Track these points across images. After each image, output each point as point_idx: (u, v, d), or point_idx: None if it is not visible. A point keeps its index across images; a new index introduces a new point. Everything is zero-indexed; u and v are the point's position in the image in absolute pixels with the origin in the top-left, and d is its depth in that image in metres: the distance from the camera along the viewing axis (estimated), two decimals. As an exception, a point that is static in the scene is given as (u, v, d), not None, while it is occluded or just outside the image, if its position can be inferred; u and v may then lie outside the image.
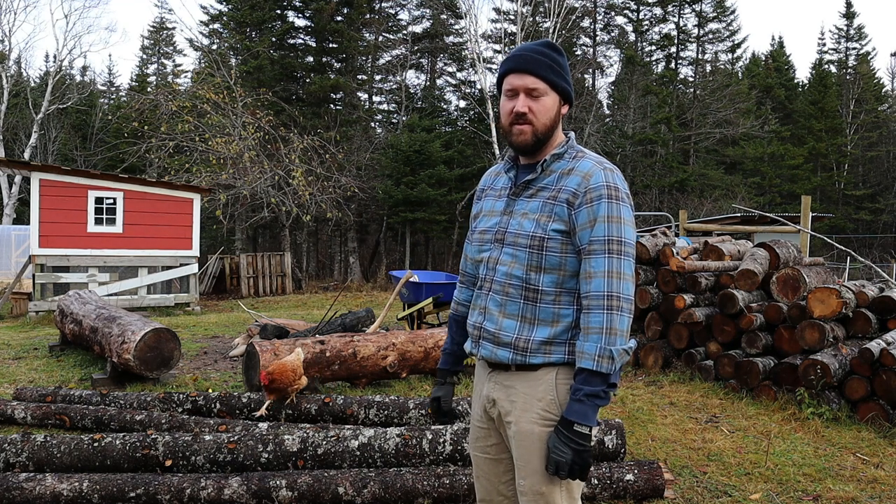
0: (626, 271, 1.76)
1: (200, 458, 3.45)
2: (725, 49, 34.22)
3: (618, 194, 1.78)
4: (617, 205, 1.77)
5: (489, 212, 1.98)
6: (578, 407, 1.71)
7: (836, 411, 4.92)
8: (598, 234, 1.76)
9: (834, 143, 32.68)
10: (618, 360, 1.72)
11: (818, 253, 22.39)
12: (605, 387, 1.72)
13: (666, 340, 6.54)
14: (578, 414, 1.70)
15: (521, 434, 1.83)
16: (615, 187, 1.79)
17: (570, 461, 1.70)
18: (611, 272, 1.75)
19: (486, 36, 28.94)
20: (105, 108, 32.87)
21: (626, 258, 1.77)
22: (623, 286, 1.75)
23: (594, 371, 1.71)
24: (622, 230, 1.77)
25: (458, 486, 3.25)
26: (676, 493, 3.49)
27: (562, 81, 1.86)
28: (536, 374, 1.83)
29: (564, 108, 1.91)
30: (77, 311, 6.91)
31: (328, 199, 20.11)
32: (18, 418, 4.48)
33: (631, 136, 27.49)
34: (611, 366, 1.71)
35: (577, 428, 1.70)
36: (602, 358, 1.71)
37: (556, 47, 1.89)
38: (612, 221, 1.76)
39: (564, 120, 1.97)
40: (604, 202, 1.77)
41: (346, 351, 5.52)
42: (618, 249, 1.76)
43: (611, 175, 1.80)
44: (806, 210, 9.87)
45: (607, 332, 1.72)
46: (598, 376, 1.72)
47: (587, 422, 1.70)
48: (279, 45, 25.47)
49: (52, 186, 11.69)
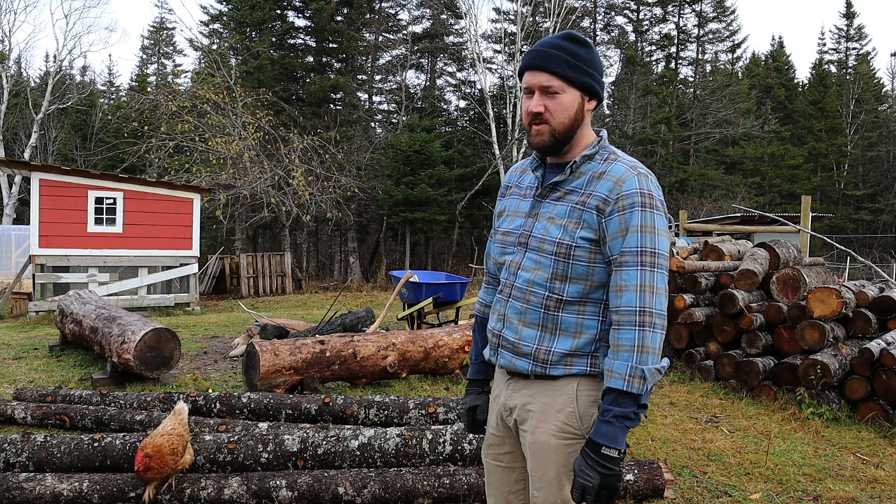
0: (659, 285, 1.66)
1: (200, 458, 3.45)
2: (725, 49, 34.27)
3: (652, 202, 1.68)
4: (651, 213, 1.67)
5: (513, 212, 1.87)
6: (607, 429, 1.61)
7: (836, 411, 4.92)
8: (631, 244, 1.66)
9: (834, 143, 32.68)
10: (650, 379, 1.62)
11: (818, 253, 22.38)
12: (636, 408, 1.63)
13: (666, 340, 6.53)
14: (607, 436, 1.61)
15: (536, 445, 1.76)
16: (649, 194, 1.68)
17: (597, 486, 1.60)
18: (643, 286, 1.65)
19: (486, 36, 28.98)
20: (105, 108, 32.87)
21: (660, 271, 1.67)
22: (656, 301, 1.65)
23: (624, 391, 1.61)
24: (656, 241, 1.67)
25: (458, 486, 3.25)
26: (676, 493, 3.49)
27: (582, 76, 1.73)
28: (557, 385, 1.76)
29: (591, 104, 1.77)
30: (77, 311, 6.91)
31: (328, 199, 20.11)
32: (18, 418, 4.48)
33: (631, 136, 27.50)
34: (642, 386, 1.62)
35: (605, 451, 1.60)
36: (633, 378, 1.61)
37: (579, 38, 1.76)
38: (646, 231, 1.66)
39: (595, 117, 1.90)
40: (637, 210, 1.66)
41: (346, 351, 5.52)
42: (651, 262, 1.66)
43: (645, 181, 1.69)
44: (806, 210, 9.87)
45: (639, 349, 1.62)
46: (629, 397, 1.62)
47: (616, 445, 1.60)
48: (279, 45, 25.48)
49: (52, 186, 11.69)
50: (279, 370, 5.17)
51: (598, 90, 1.77)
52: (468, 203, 23.98)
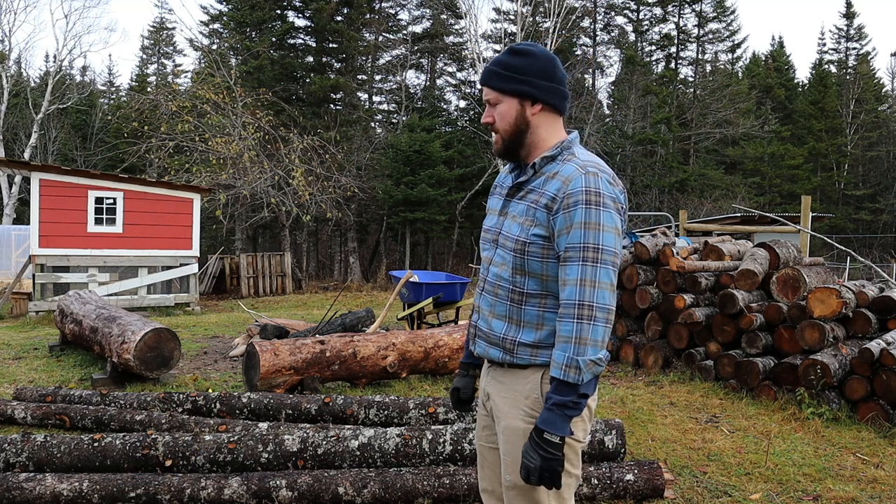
0: (601, 280, 1.72)
1: (200, 458, 3.45)
2: (725, 49, 34.26)
3: (598, 199, 1.73)
4: (596, 210, 1.73)
5: (492, 210, 2.01)
6: (548, 416, 1.70)
7: (836, 411, 4.92)
8: (574, 240, 1.73)
9: (834, 143, 32.67)
10: (585, 370, 1.69)
11: (818, 253, 22.38)
12: (575, 397, 1.70)
13: (666, 340, 6.54)
14: (548, 423, 1.70)
15: (507, 429, 1.86)
16: (595, 192, 1.74)
17: (538, 468, 1.69)
18: (584, 280, 1.72)
19: (486, 36, 28.93)
20: (105, 108, 32.87)
21: (603, 266, 1.73)
22: (597, 294, 1.71)
23: (562, 381, 1.70)
24: (600, 237, 1.72)
25: (458, 486, 3.25)
26: (676, 493, 3.49)
27: (514, 85, 1.83)
28: (525, 373, 1.86)
29: (535, 108, 1.86)
30: (77, 311, 6.91)
31: (328, 199, 20.12)
32: (18, 418, 4.48)
33: (631, 136, 27.50)
34: (578, 376, 1.69)
35: (546, 436, 1.69)
36: (570, 368, 1.69)
37: (517, 49, 1.86)
38: (590, 228, 1.72)
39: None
40: (580, 208, 1.73)
41: (346, 351, 5.52)
42: (594, 257, 1.72)
43: (593, 179, 1.75)
44: (806, 210, 9.87)
45: (576, 341, 1.70)
46: (567, 386, 1.70)
47: (557, 431, 1.69)
48: (279, 45, 25.48)
49: (52, 186, 11.69)
50: (279, 370, 5.18)
51: (535, 94, 1.84)
52: (468, 203, 23.99)
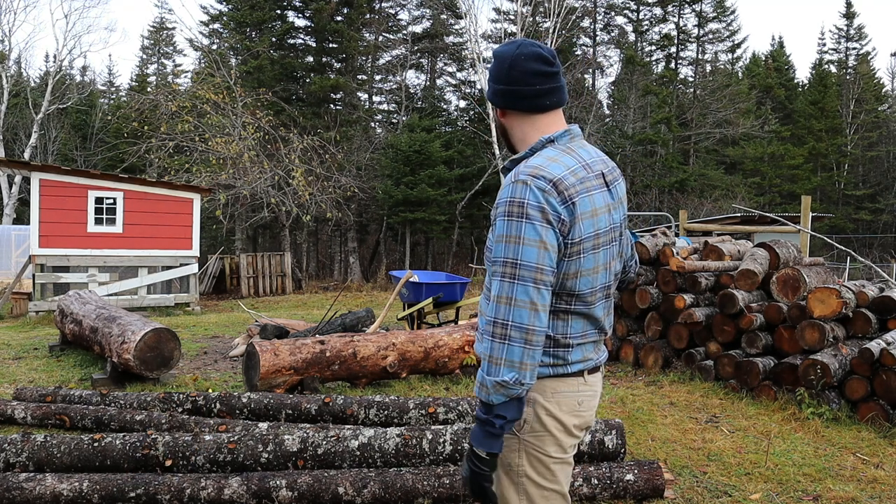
0: (517, 297, 1.60)
1: (200, 458, 3.45)
2: (725, 49, 34.27)
3: (520, 210, 1.60)
4: (516, 223, 1.60)
5: None
6: (474, 429, 1.67)
7: (836, 411, 4.92)
8: (497, 254, 1.64)
9: (834, 143, 32.68)
10: (492, 390, 1.59)
11: (818, 253, 22.38)
12: (492, 416, 1.61)
13: (666, 340, 6.54)
14: (474, 437, 1.67)
15: None
16: (518, 202, 1.61)
17: (466, 478, 1.70)
18: (500, 297, 1.62)
19: (486, 36, 28.92)
20: (105, 108, 32.89)
21: (521, 282, 1.60)
22: (512, 313, 1.60)
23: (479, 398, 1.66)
24: (519, 251, 1.60)
25: (458, 486, 3.25)
26: (676, 493, 3.49)
27: (489, 92, 1.83)
28: None
29: (499, 111, 1.84)
30: (77, 311, 6.91)
31: (328, 199, 20.12)
32: (18, 418, 4.48)
33: (631, 136, 27.50)
34: (487, 395, 1.61)
35: (474, 449, 1.66)
36: (482, 386, 1.63)
37: (494, 53, 1.82)
38: (509, 242, 1.61)
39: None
40: (502, 220, 1.63)
41: (346, 351, 5.52)
42: (511, 273, 1.61)
43: (520, 189, 1.62)
44: (806, 210, 9.87)
45: (487, 360, 1.63)
46: (482, 404, 1.64)
47: (478, 446, 1.64)
48: (279, 45, 25.49)
49: (52, 186, 11.69)
50: (279, 370, 5.18)
51: (492, 100, 1.81)
52: (468, 203, 23.99)
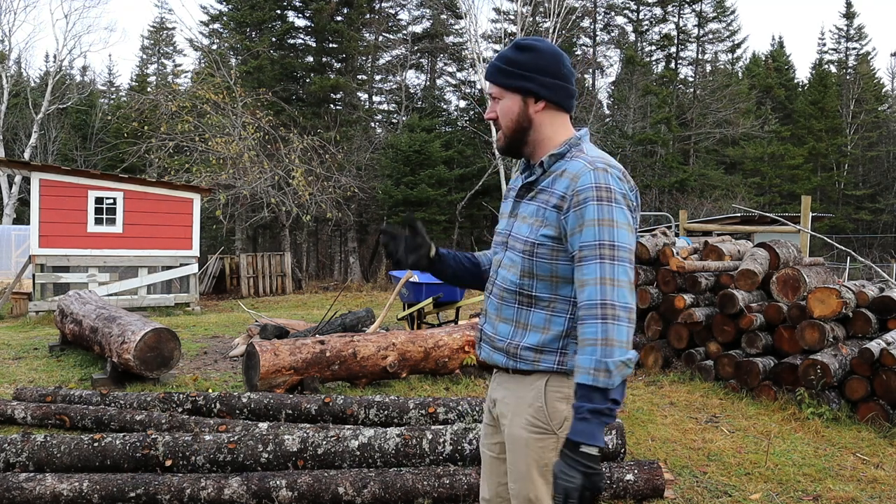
0: (620, 277, 1.65)
1: (200, 458, 3.45)
2: (725, 49, 34.26)
3: (609, 195, 1.67)
4: (609, 207, 1.66)
5: (503, 213, 1.96)
6: (583, 426, 1.58)
7: (836, 411, 4.92)
8: (588, 238, 1.66)
9: (834, 143, 32.67)
10: (615, 372, 1.59)
11: (818, 253, 22.37)
12: (610, 403, 1.60)
13: (666, 340, 6.54)
14: (584, 434, 1.57)
15: (511, 437, 1.81)
16: (606, 188, 1.67)
17: (579, 486, 1.55)
18: (604, 279, 1.64)
19: (486, 36, 28.90)
20: (105, 108, 32.87)
21: (621, 263, 1.65)
22: (618, 293, 1.63)
23: (592, 386, 1.60)
24: (615, 233, 1.66)
25: (458, 486, 3.25)
26: (676, 493, 3.49)
27: (517, 81, 1.79)
28: (528, 380, 1.80)
29: (538, 105, 1.80)
30: (77, 311, 6.91)
31: (328, 199, 20.11)
32: (18, 418, 4.48)
33: (631, 136, 27.49)
34: (609, 380, 1.59)
35: (584, 449, 1.57)
36: (599, 372, 1.59)
37: (522, 45, 1.81)
38: (603, 225, 1.66)
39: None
40: (592, 205, 1.66)
41: (346, 351, 5.52)
42: (611, 254, 1.65)
43: (603, 175, 1.69)
44: (806, 210, 9.87)
45: (603, 343, 1.60)
46: (598, 391, 1.59)
47: (594, 442, 1.57)
48: (279, 45, 25.47)
49: (52, 186, 11.69)
50: (279, 370, 5.18)
51: (538, 91, 1.79)
52: (468, 203, 23.98)
